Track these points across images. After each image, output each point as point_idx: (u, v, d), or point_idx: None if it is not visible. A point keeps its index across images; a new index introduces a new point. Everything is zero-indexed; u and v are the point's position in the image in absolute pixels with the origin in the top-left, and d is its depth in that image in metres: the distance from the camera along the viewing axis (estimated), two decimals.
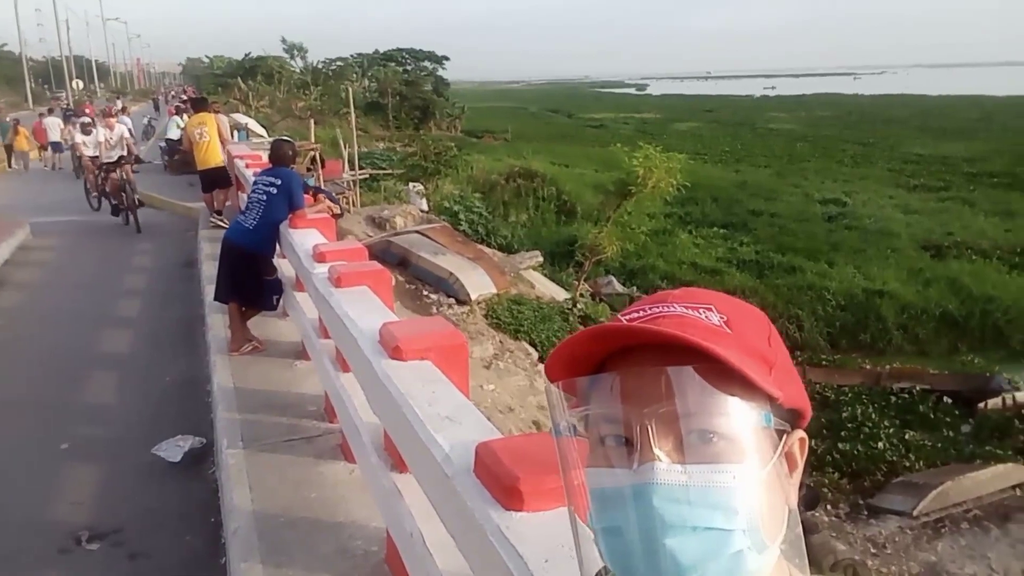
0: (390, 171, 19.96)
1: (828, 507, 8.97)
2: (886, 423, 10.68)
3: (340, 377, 3.64)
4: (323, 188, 7.71)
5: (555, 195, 23.23)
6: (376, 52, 51.98)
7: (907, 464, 9.72)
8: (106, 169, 11.08)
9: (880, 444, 10.01)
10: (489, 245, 15.26)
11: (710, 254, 19.60)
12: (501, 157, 29.76)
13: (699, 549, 0.60)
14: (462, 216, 16.60)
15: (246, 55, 48.34)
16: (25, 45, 46.54)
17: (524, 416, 7.75)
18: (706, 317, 0.68)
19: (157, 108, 38.91)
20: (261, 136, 16.62)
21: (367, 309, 3.27)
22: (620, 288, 15.47)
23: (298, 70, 46.57)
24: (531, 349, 9.67)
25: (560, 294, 13.06)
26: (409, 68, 49.21)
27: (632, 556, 0.62)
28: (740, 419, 0.63)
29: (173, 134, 15.60)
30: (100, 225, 11.24)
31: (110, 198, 11.22)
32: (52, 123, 20.00)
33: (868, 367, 12.99)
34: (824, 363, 13.40)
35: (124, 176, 10.94)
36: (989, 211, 24.06)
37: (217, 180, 9.98)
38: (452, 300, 10.36)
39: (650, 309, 0.70)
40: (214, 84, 44.84)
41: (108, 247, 10.10)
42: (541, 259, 14.66)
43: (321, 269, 4.03)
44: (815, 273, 17.52)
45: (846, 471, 9.64)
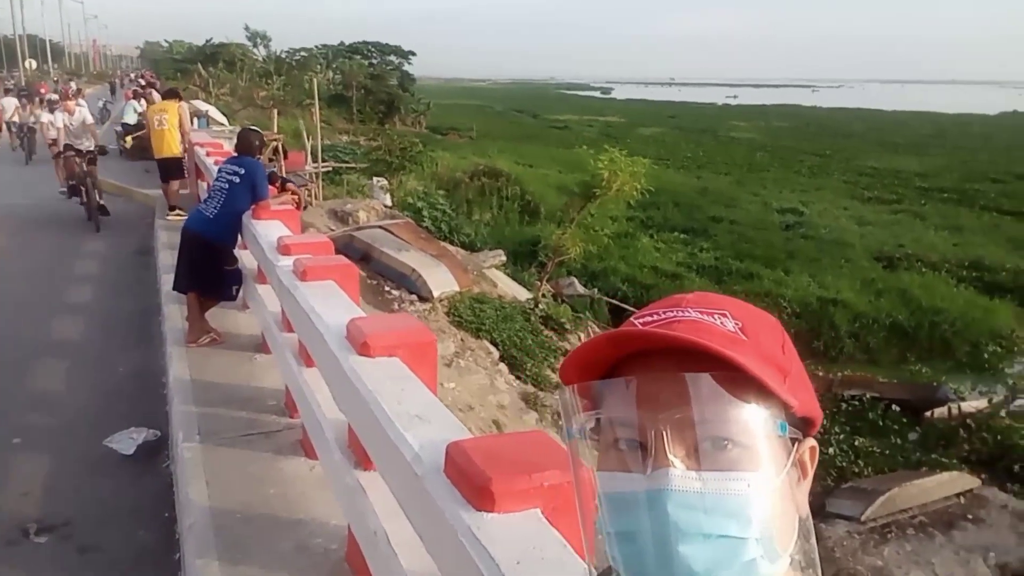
0: (353, 165, 19.76)
1: None
2: (836, 429, 10.91)
3: (303, 372, 3.58)
4: (290, 178, 7.60)
5: (519, 195, 23.24)
6: (341, 44, 51.50)
7: (856, 470, 9.93)
8: (68, 156, 10.35)
9: (831, 450, 10.21)
10: (452, 243, 15.19)
11: (671, 258, 19.80)
12: (466, 155, 29.66)
13: (712, 556, 0.60)
14: (426, 213, 16.50)
15: (207, 41, 47.46)
16: None
17: (484, 415, 7.74)
18: (721, 323, 0.68)
19: (113, 92, 37.90)
20: (222, 124, 16.33)
21: (334, 304, 3.22)
22: (582, 289, 15.54)
23: (261, 59, 45.89)
24: (492, 348, 9.65)
25: (522, 294, 13.07)
26: (375, 62, 48.88)
27: (644, 561, 0.62)
28: (756, 427, 0.63)
29: (130, 119, 15.20)
30: (50, 210, 10.90)
31: (75, 187, 10.34)
32: (9, 103, 19.36)
33: (820, 374, 13.23)
34: None
35: (86, 170, 10.05)
36: (939, 225, 24.77)
37: (171, 169, 9.78)
38: (414, 297, 10.29)
39: (664, 313, 0.69)
40: (173, 69, 43.90)
41: (59, 233, 9.79)
42: (504, 258, 14.65)
43: (286, 262, 3.96)
44: (772, 280, 17.81)
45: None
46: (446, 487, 1.74)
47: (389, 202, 15.99)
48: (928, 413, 11.52)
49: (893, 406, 11.86)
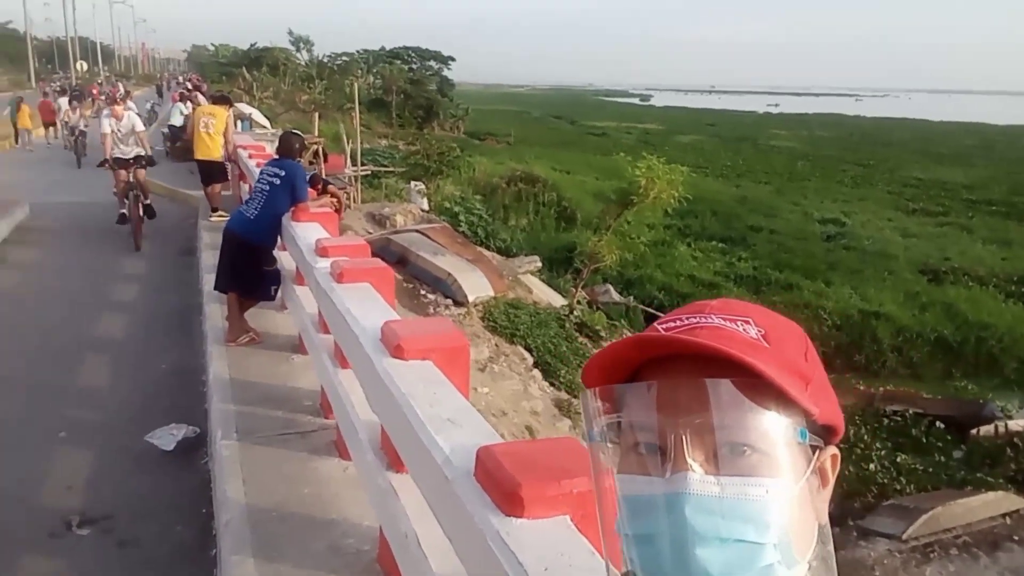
0: (392, 169, 19.94)
1: None
2: (878, 445, 10.69)
3: (338, 373, 3.62)
4: (332, 180, 7.71)
5: (556, 201, 23.23)
6: (382, 49, 52.07)
7: (898, 487, 9.72)
8: (116, 166, 9.52)
9: (871, 466, 10.02)
10: (488, 248, 15.24)
11: (708, 267, 19.62)
12: (503, 160, 29.78)
13: (729, 561, 0.60)
14: (462, 217, 16.58)
15: (252, 45, 48.36)
16: (30, 24, 46.45)
17: (517, 420, 7.74)
18: (744, 330, 0.68)
19: (160, 94, 38.88)
20: (264, 127, 16.60)
21: (369, 306, 3.25)
22: (617, 297, 15.47)
23: (303, 63, 46.57)
24: (526, 354, 9.66)
25: (557, 300, 13.06)
26: (415, 67, 49.30)
27: (662, 564, 0.62)
28: (775, 434, 0.63)
29: (176, 121, 15.56)
30: (100, 209, 11.20)
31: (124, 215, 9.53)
32: (63, 103, 19.98)
33: (861, 388, 13.00)
34: None
35: (135, 178, 9.45)
36: (987, 238, 24.17)
37: (213, 173, 9.99)
38: (449, 301, 10.34)
39: (687, 319, 0.70)
40: (218, 73, 44.83)
41: (108, 230, 10.06)
42: (540, 264, 14.66)
43: (323, 264, 4.00)
44: (812, 292, 17.55)
45: (836, 492, 9.64)
46: (476, 491, 1.74)
47: (426, 206, 16.11)
48: (973, 431, 11.22)
49: (937, 423, 11.59)
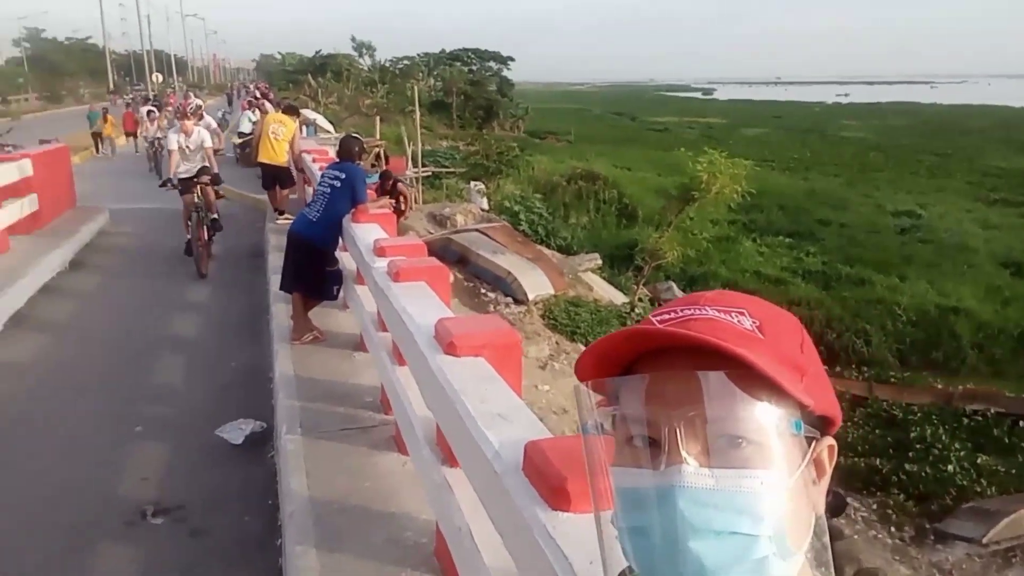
0: (452, 169, 20.15)
1: (892, 529, 8.67)
2: (957, 446, 10.24)
3: (396, 370, 3.69)
4: (401, 179, 7.87)
5: (616, 198, 23.06)
6: (443, 51, 52.65)
7: (978, 489, 9.29)
8: (181, 188, 8.53)
9: (950, 467, 9.61)
10: (548, 246, 15.25)
11: (774, 263, 19.15)
12: (563, 159, 29.70)
13: (724, 553, 0.60)
14: (522, 216, 16.64)
15: (317, 52, 49.63)
16: (108, 38, 48.70)
17: (577, 418, 7.72)
18: (738, 321, 0.68)
19: (230, 103, 40.16)
20: (328, 132, 17.01)
21: (424, 304, 3.31)
22: (680, 294, 15.27)
23: (366, 68, 47.52)
24: None
25: (618, 298, 12.97)
26: (474, 68, 49.65)
27: (656, 557, 0.62)
28: (769, 425, 0.63)
29: (245, 128, 16.09)
30: (175, 214, 11.66)
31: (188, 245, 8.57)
32: (145, 113, 20.93)
33: (939, 386, 12.49)
34: (892, 380, 12.93)
35: (200, 196, 8.58)
36: None
37: (277, 178, 10.31)
38: (510, 299, 10.40)
39: (682, 311, 0.69)
40: (285, 80, 46.16)
41: (182, 235, 10.47)
42: (600, 262, 14.58)
43: (381, 263, 4.09)
44: (885, 287, 16.93)
45: (913, 493, 9.29)
46: (524, 486, 1.76)
47: (486, 206, 16.22)
48: None
49: (1021, 423, 11.03)
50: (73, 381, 5.65)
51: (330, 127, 18.11)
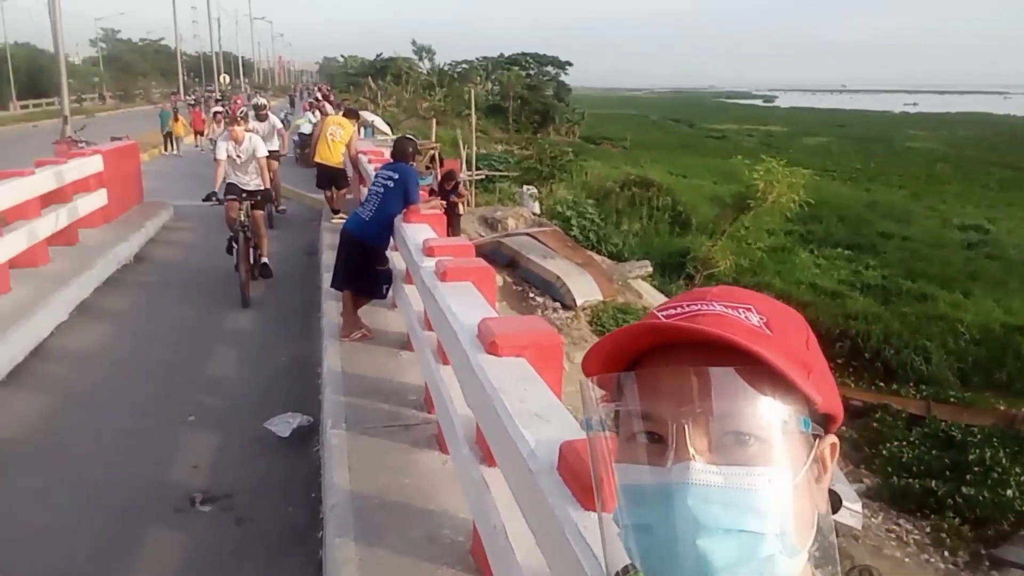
0: (506, 173, 20.24)
1: (946, 553, 8.37)
2: (1017, 470, 9.82)
3: (440, 369, 3.73)
4: (460, 180, 7.95)
5: (670, 205, 22.82)
6: (501, 56, 52.94)
7: None
8: (229, 199, 7.59)
9: (1009, 492, 9.22)
10: (599, 252, 15.17)
11: (832, 275, 18.66)
12: (618, 164, 29.54)
13: (731, 551, 0.60)
14: (574, 221, 16.60)
15: (378, 55, 50.42)
16: (180, 40, 50.41)
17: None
18: (746, 317, 0.67)
19: (292, 104, 41.10)
20: (386, 134, 17.27)
21: (469, 304, 3.34)
22: None
23: (425, 71, 48.08)
24: None
25: None
26: (532, 72, 49.79)
27: (662, 555, 0.62)
28: (778, 422, 0.62)
29: (305, 129, 16.45)
30: None
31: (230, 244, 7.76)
32: (213, 114, 21.65)
33: (1002, 408, 11.99)
34: (952, 400, 12.47)
35: (249, 219, 7.54)
36: None
37: (333, 178, 10.52)
38: (558, 304, 10.39)
39: (688, 307, 0.69)
40: (347, 83, 47.01)
41: None
42: (651, 269, 14.44)
43: (429, 263, 4.14)
44: (948, 303, 16.36)
45: (968, 517, 8.95)
46: (557, 485, 1.76)
47: (537, 210, 16.24)
48: None
49: None
50: (132, 369, 5.86)
51: (387, 129, 18.39)
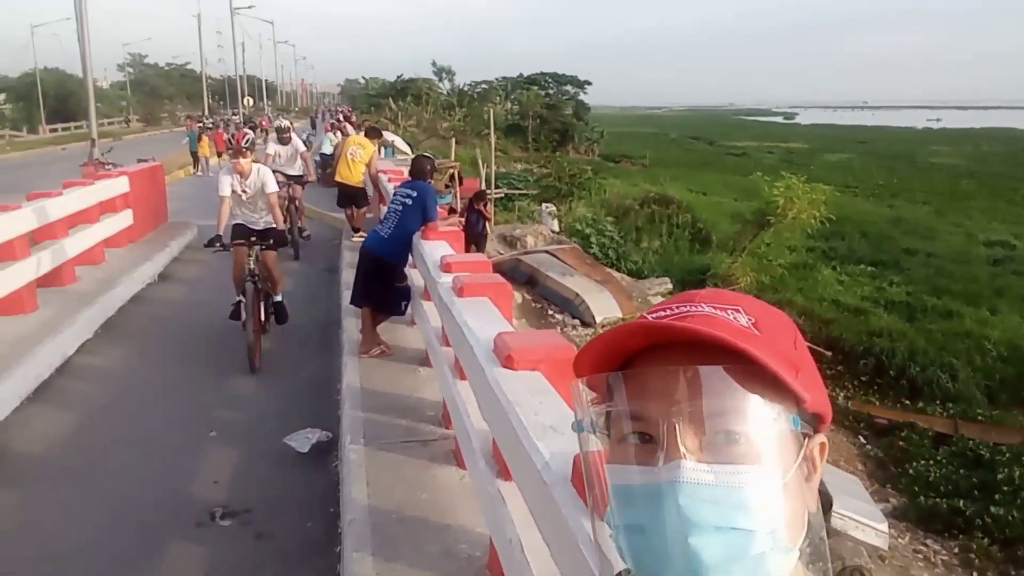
0: (525, 191, 20.32)
1: (975, 574, 8.20)
2: None
3: (457, 384, 3.74)
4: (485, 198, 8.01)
5: (690, 222, 22.73)
6: (520, 75, 53.34)
7: None
8: (237, 244, 6.35)
9: None
10: (619, 269, 15.15)
11: (855, 292, 18.44)
12: (637, 182, 29.53)
13: (723, 549, 0.60)
14: (593, 239, 16.61)
15: (398, 77, 50.98)
16: (205, 64, 51.46)
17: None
18: (734, 318, 0.67)
19: (314, 126, 41.63)
20: (406, 154, 17.45)
21: (485, 318, 3.36)
22: None
23: (445, 92, 48.52)
24: None
25: None
26: (551, 92, 50.09)
27: (654, 554, 0.62)
28: (768, 421, 0.63)
29: (327, 149, 16.66)
30: None
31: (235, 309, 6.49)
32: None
33: None
34: (980, 418, 12.25)
35: (260, 262, 6.36)
36: None
37: (353, 197, 10.61)
38: (577, 321, 10.38)
39: (677, 308, 0.69)
40: (368, 104, 47.57)
41: None
42: (671, 286, 14.39)
43: (446, 279, 4.17)
44: (975, 320, 16.10)
45: (997, 537, 8.76)
46: (571, 497, 1.77)
47: (556, 227, 16.27)
48: None
49: None
50: (155, 386, 5.94)
51: (407, 149, 18.59)
